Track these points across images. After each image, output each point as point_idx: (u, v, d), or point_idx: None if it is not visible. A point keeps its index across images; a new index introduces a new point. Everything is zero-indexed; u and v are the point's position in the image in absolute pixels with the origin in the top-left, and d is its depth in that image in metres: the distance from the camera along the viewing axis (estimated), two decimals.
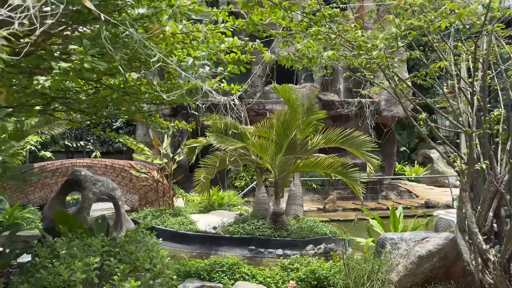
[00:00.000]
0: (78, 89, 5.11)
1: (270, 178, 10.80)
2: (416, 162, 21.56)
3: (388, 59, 3.36)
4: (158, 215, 9.91)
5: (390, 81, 4.15)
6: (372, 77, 4.65)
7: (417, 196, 16.85)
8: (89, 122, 15.44)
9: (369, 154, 9.08)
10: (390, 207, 6.13)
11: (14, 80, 3.22)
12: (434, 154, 20.90)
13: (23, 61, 3.28)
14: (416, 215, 13.38)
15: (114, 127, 17.40)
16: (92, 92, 5.05)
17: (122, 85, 4.64)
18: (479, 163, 3.83)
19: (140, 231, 3.59)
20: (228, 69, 3.59)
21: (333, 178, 9.39)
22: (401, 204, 15.34)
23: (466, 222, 4.05)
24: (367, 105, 16.28)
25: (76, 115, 5.49)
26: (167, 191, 10.54)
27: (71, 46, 2.57)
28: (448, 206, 14.65)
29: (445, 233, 4.35)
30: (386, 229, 6.04)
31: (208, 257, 8.19)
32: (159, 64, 2.71)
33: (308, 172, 15.30)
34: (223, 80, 4.90)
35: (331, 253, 8.08)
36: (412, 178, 19.27)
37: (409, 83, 5.72)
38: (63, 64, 2.57)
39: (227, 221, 9.07)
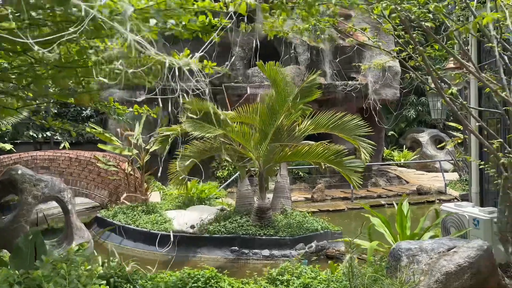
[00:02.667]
0: (7, 65, 4.01)
1: (254, 168, 9.83)
2: (404, 146, 20.91)
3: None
4: (129, 212, 8.87)
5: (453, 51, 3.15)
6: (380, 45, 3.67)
7: (407, 182, 16.17)
8: (55, 111, 14.01)
9: (362, 139, 8.25)
10: (396, 204, 5.23)
11: None
12: (422, 138, 20.27)
13: None
14: (414, 202, 12.67)
15: (84, 115, 16.08)
16: (25, 69, 3.96)
17: (60, 58, 3.57)
18: None
19: (73, 258, 2.57)
20: (184, 23, 2.53)
21: (324, 167, 8.51)
22: (391, 191, 14.69)
23: None
24: (368, 85, 15.42)
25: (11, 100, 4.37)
26: (139, 185, 9.48)
27: None
28: (440, 192, 14.00)
29: (477, 241, 3.48)
30: (391, 228, 5.16)
31: (185, 262, 7.25)
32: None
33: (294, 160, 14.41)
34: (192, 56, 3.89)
35: (323, 251, 7.24)
36: (402, 164, 18.61)
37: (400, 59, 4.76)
38: None
39: (207, 218, 8.09)
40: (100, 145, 9.52)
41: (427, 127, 21.33)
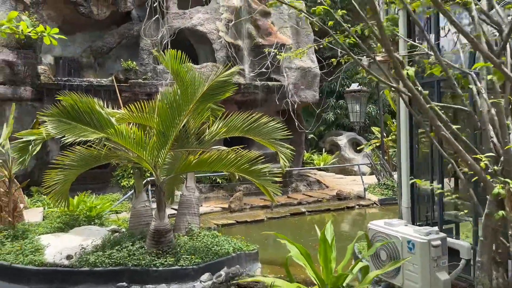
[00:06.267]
0: None
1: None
2: (323, 149, 20.72)
3: None
4: None
5: None
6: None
7: (327, 187, 15.71)
8: None
9: (281, 143, 7.28)
10: (319, 233, 4.13)
11: None
12: (341, 141, 20.24)
13: None
14: (328, 209, 12.06)
15: None
16: None
17: None
18: None
19: None
20: None
21: (237, 176, 7.34)
22: (312, 197, 14.03)
23: None
24: (289, 87, 14.72)
25: None
26: (6, 203, 7.43)
27: None
28: (360, 197, 13.66)
29: None
30: (312, 261, 4.08)
31: None
32: None
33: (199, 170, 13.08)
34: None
35: (235, 279, 6.02)
36: (322, 168, 18.25)
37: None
38: None
39: (92, 244, 6.41)
40: None
41: (345, 130, 21.39)
